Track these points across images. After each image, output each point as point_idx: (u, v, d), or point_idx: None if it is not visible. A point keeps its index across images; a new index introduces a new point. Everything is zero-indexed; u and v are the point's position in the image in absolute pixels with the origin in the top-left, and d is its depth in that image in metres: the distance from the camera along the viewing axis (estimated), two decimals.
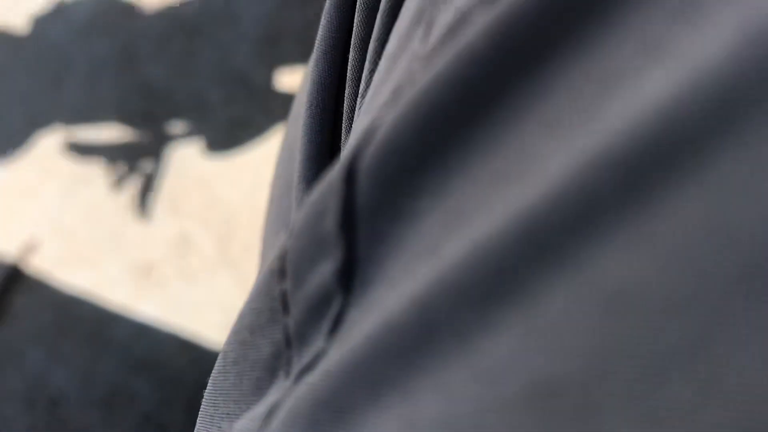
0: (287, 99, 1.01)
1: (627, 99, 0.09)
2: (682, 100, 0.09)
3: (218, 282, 0.94)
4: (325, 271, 0.13)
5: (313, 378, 0.13)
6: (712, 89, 0.08)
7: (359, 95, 0.18)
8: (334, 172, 0.13)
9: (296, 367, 0.14)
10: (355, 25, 0.19)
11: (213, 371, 0.17)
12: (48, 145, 1.01)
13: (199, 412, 0.17)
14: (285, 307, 0.15)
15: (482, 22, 0.11)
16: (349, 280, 0.13)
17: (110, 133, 0.98)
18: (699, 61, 0.09)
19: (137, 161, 0.97)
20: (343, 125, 0.19)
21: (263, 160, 0.99)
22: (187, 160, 0.99)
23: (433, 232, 0.12)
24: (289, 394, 0.14)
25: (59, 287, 0.94)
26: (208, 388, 0.17)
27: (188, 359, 0.91)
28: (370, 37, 0.18)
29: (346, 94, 0.19)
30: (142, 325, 0.92)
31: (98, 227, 0.97)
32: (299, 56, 1.03)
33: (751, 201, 0.08)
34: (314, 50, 0.20)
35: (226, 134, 1.00)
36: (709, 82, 0.08)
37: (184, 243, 0.96)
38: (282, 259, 0.14)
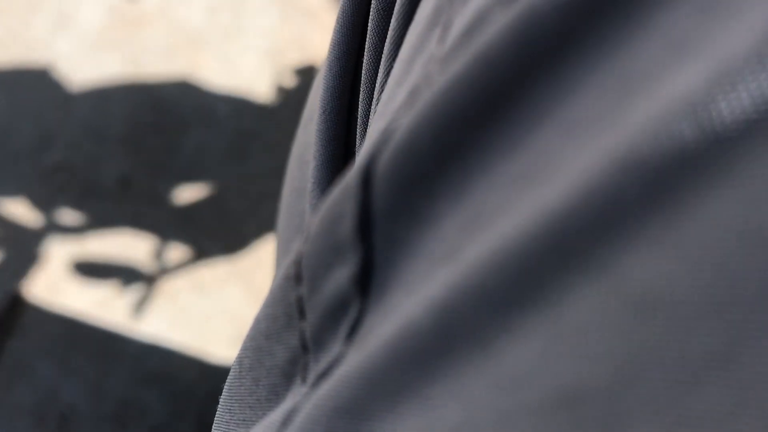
0: (293, 109, 1.01)
1: (653, 98, 0.09)
2: (712, 98, 0.08)
3: (228, 294, 0.94)
4: (341, 275, 0.13)
5: (330, 384, 0.13)
6: (743, 86, 0.08)
7: (374, 99, 0.18)
8: (350, 176, 0.13)
9: (313, 373, 0.14)
10: (369, 28, 0.19)
11: (228, 377, 0.17)
12: (58, 159, 1.01)
13: (215, 418, 0.17)
14: (301, 312, 0.14)
15: (501, 22, 0.11)
16: (367, 284, 0.13)
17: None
18: (727, 57, 0.08)
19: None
20: (358, 130, 0.19)
21: (271, 170, 0.99)
22: (195, 171, 1.00)
23: (452, 235, 0.12)
24: (305, 401, 0.14)
25: (69, 301, 0.94)
26: (223, 394, 0.17)
27: (199, 372, 0.91)
28: (384, 41, 0.18)
29: (360, 99, 0.19)
30: (152, 338, 0.92)
31: (108, 239, 0.97)
32: (305, 67, 1.03)
33: None
34: (327, 55, 0.20)
35: (234, 145, 1.01)
36: (739, 78, 0.08)
37: (193, 255, 0.96)
38: (298, 264, 0.14)
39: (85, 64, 1.05)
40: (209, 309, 0.93)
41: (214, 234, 0.96)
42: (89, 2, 1.08)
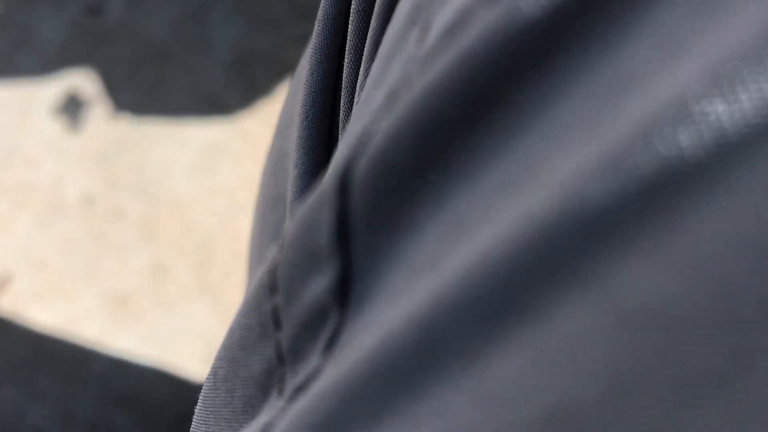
0: (262, 122, 1.00)
1: (645, 101, 0.09)
2: (709, 101, 0.08)
3: (197, 310, 0.92)
4: (319, 285, 0.13)
5: (307, 399, 0.13)
6: (742, 87, 0.08)
7: (355, 103, 0.18)
8: (327, 182, 0.13)
9: (290, 386, 0.14)
10: (349, 32, 0.18)
11: (203, 388, 0.16)
12: (20, 177, 0.99)
13: (190, 430, 0.17)
14: (277, 322, 0.14)
15: (484, 22, 0.11)
16: (345, 295, 0.13)
17: None
18: (723, 57, 0.08)
19: None
20: (339, 135, 0.19)
21: (239, 184, 0.98)
22: (161, 186, 0.98)
23: (433, 244, 0.11)
24: (282, 415, 0.13)
25: (33, 321, 0.92)
26: (198, 405, 0.17)
27: (168, 390, 0.89)
28: (364, 43, 0.18)
29: (341, 103, 0.19)
30: (119, 358, 0.91)
31: (72, 259, 0.95)
32: (273, 79, 1.03)
33: None
34: (308, 59, 0.19)
35: (201, 159, 1.00)
36: (738, 80, 0.08)
37: (160, 271, 0.94)
38: (273, 273, 0.14)
39: (47, 80, 1.04)
40: (178, 327, 0.92)
41: (182, 250, 0.95)
42: (50, 18, 1.07)
